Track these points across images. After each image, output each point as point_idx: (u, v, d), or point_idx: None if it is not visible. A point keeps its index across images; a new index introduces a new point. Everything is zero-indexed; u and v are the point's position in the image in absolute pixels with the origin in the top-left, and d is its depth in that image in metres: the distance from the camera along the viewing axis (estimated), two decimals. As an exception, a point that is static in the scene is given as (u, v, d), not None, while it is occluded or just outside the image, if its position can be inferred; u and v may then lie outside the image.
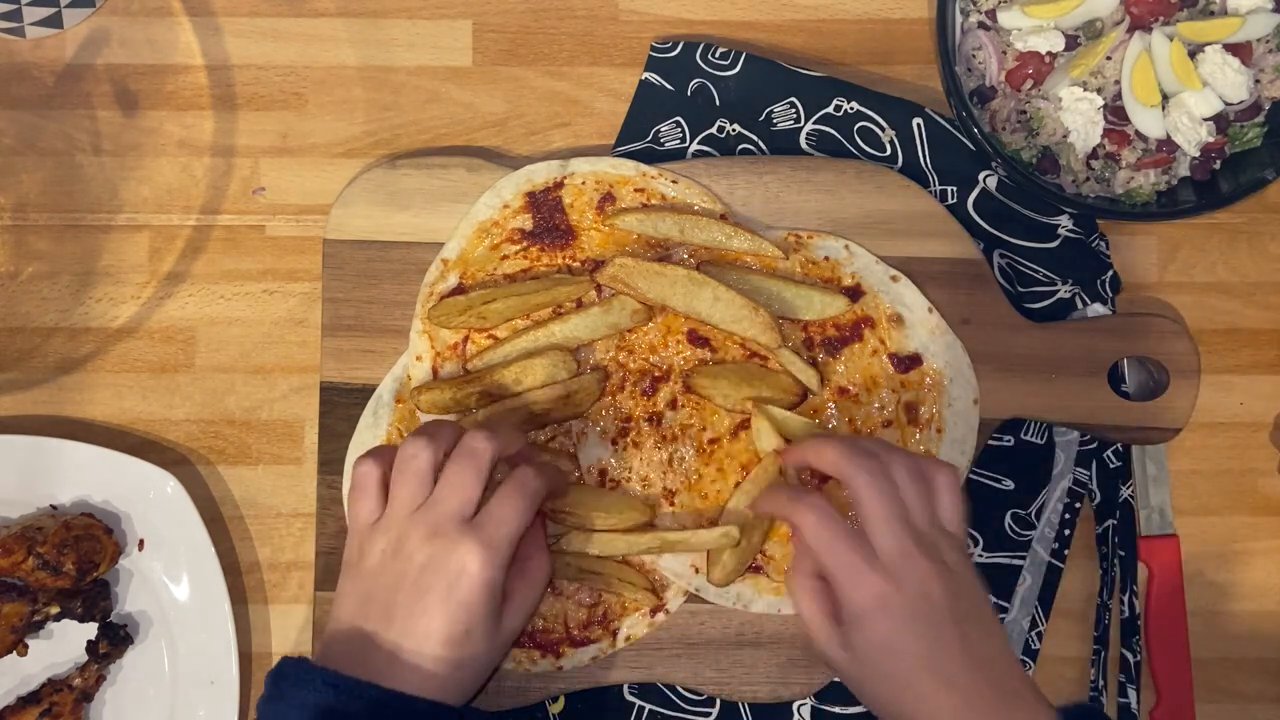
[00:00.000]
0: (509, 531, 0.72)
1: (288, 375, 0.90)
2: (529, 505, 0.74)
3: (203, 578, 0.85)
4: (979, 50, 0.89)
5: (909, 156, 0.91)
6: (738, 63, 0.91)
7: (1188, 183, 0.90)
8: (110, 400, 0.89)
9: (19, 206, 0.90)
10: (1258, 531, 0.92)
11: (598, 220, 0.86)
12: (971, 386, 0.86)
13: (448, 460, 0.73)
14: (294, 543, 0.89)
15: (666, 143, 0.91)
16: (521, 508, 0.73)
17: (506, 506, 0.73)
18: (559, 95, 0.92)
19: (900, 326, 0.86)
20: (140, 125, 0.91)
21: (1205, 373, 0.89)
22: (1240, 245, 0.93)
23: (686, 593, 0.85)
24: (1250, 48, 0.87)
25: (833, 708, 0.88)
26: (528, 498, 0.74)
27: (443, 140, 0.92)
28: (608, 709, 0.88)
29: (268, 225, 0.91)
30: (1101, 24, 0.88)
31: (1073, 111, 0.87)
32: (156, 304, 0.90)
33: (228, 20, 0.92)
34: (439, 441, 0.74)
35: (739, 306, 0.83)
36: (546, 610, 0.85)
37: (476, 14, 0.92)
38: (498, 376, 0.83)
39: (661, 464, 0.85)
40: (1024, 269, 0.91)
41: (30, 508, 0.86)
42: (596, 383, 0.84)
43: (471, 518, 0.72)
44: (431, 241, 0.87)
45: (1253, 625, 0.82)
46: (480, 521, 0.72)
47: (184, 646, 0.86)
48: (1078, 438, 0.90)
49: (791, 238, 0.87)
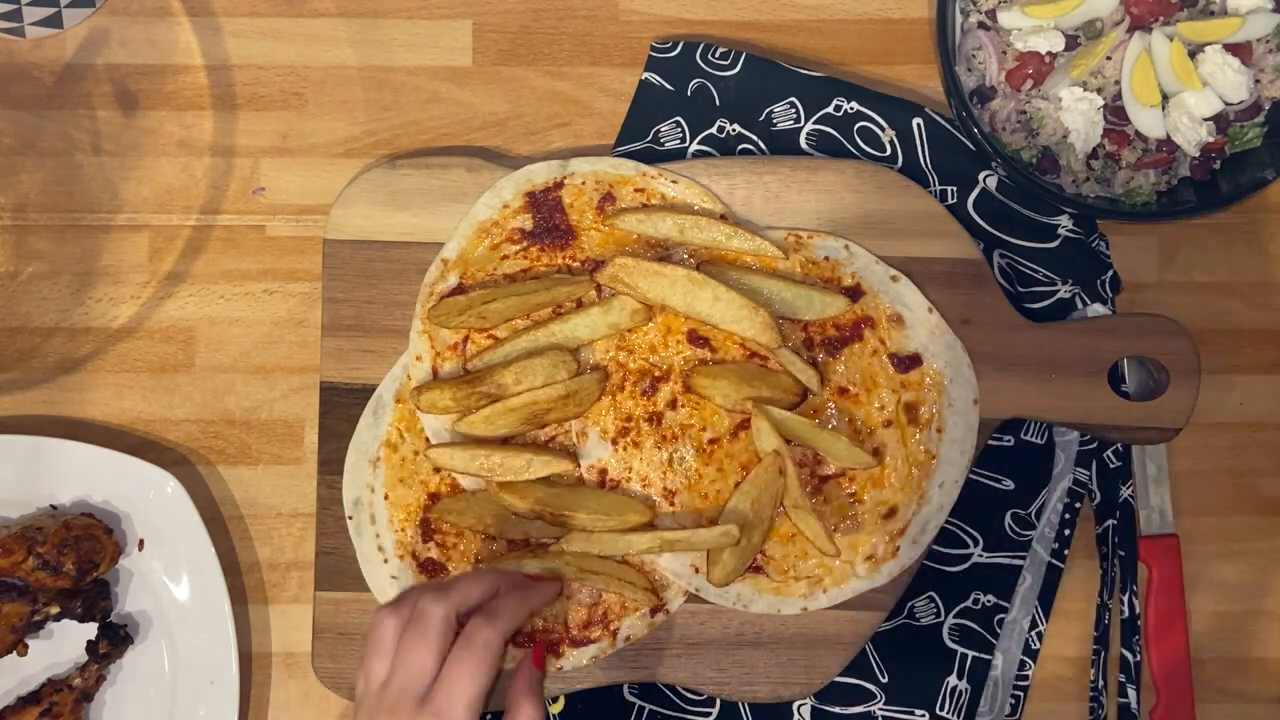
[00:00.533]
0: (466, 698, 0.68)
1: (288, 375, 0.90)
2: (485, 662, 0.70)
3: (203, 578, 0.85)
4: (979, 50, 0.89)
5: (909, 156, 0.91)
6: (738, 63, 0.91)
7: (1188, 183, 0.90)
8: (110, 400, 0.89)
9: (19, 206, 0.90)
10: (1258, 531, 0.92)
11: (598, 220, 0.86)
12: (971, 386, 0.86)
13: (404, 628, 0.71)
14: (294, 543, 0.89)
15: (666, 143, 0.91)
16: (476, 668, 0.69)
17: (458, 672, 0.69)
18: (559, 95, 0.92)
19: (900, 326, 0.86)
20: (140, 125, 0.91)
21: (1205, 373, 0.89)
22: (1240, 245, 0.93)
23: (686, 593, 0.85)
24: (1250, 48, 0.87)
25: (833, 708, 0.88)
26: (481, 655, 0.70)
27: (443, 140, 0.92)
28: (608, 709, 0.88)
29: (268, 225, 0.91)
30: (1101, 24, 0.88)
31: (1073, 111, 0.87)
32: (156, 304, 0.90)
33: (228, 20, 0.92)
34: (402, 609, 0.71)
35: (739, 307, 0.83)
36: (547, 610, 0.85)
37: (476, 14, 0.92)
38: (498, 376, 0.83)
39: (661, 464, 0.85)
40: (1024, 269, 0.91)
41: (30, 507, 0.86)
42: (596, 383, 0.84)
43: (427, 691, 0.69)
44: (431, 241, 0.87)
45: (1253, 625, 0.82)
46: (433, 695, 0.68)
47: (184, 647, 0.86)
48: (1078, 438, 0.90)
49: (791, 238, 0.87)
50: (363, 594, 0.85)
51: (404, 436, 0.86)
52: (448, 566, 0.85)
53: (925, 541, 0.86)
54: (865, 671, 0.88)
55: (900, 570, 0.85)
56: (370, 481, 0.85)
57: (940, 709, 0.88)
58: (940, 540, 0.87)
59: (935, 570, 0.88)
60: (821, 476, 0.85)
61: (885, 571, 0.85)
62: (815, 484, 0.85)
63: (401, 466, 0.85)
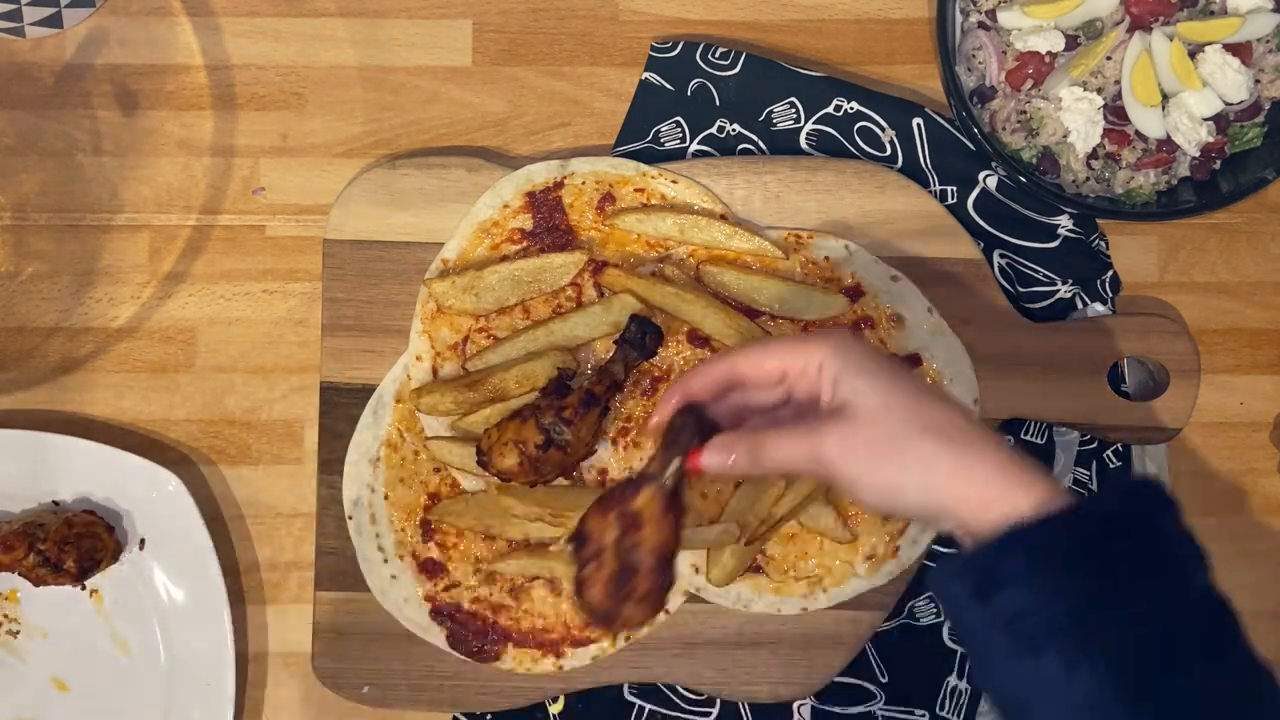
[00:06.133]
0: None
1: (288, 375, 0.90)
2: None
3: (202, 578, 0.85)
4: (979, 50, 0.89)
5: (909, 156, 0.91)
6: (738, 63, 0.91)
7: (1188, 183, 0.90)
8: (110, 400, 0.89)
9: (19, 206, 0.90)
10: (1258, 531, 0.92)
11: (598, 220, 0.86)
12: (971, 386, 0.86)
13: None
14: (294, 543, 0.89)
15: (666, 143, 0.91)
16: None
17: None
18: (559, 95, 0.92)
19: (900, 326, 0.86)
20: (140, 125, 0.91)
21: (1205, 373, 0.89)
22: (1240, 245, 0.93)
23: (686, 593, 0.85)
24: (1250, 48, 0.87)
25: (833, 708, 0.88)
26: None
27: (443, 140, 0.92)
28: (608, 709, 0.88)
29: (268, 225, 0.91)
30: (1101, 24, 0.88)
31: (1073, 111, 0.87)
32: (156, 304, 0.90)
33: (228, 20, 0.92)
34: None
35: (724, 325, 0.83)
36: (547, 610, 0.85)
37: (476, 14, 0.92)
38: (498, 380, 0.83)
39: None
40: (1024, 269, 0.91)
41: (32, 503, 0.86)
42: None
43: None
44: (431, 241, 0.87)
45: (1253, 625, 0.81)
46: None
47: (180, 648, 0.86)
48: (1078, 438, 0.90)
49: (791, 238, 0.87)
50: (363, 594, 0.85)
51: (404, 436, 0.86)
52: (448, 566, 0.85)
53: (925, 541, 0.86)
54: (865, 671, 0.88)
55: (900, 570, 0.85)
56: (370, 481, 0.85)
57: (940, 709, 0.88)
58: (941, 540, 0.87)
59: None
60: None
61: (885, 571, 0.85)
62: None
63: (402, 466, 0.85)
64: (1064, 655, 0.55)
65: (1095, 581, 0.56)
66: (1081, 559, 0.57)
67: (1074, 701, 0.54)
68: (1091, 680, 0.54)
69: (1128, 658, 0.54)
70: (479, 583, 0.85)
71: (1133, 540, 0.58)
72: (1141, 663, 0.55)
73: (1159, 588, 0.56)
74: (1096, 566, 0.56)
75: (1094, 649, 0.55)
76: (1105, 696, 0.54)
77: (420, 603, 0.85)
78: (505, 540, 0.85)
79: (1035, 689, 0.56)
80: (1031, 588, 0.56)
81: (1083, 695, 0.54)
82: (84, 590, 0.86)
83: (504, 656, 0.84)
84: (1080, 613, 0.55)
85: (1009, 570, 0.57)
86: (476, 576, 0.85)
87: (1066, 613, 0.55)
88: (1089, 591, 0.56)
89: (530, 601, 0.85)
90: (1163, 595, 0.56)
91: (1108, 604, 0.55)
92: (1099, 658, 0.54)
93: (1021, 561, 0.57)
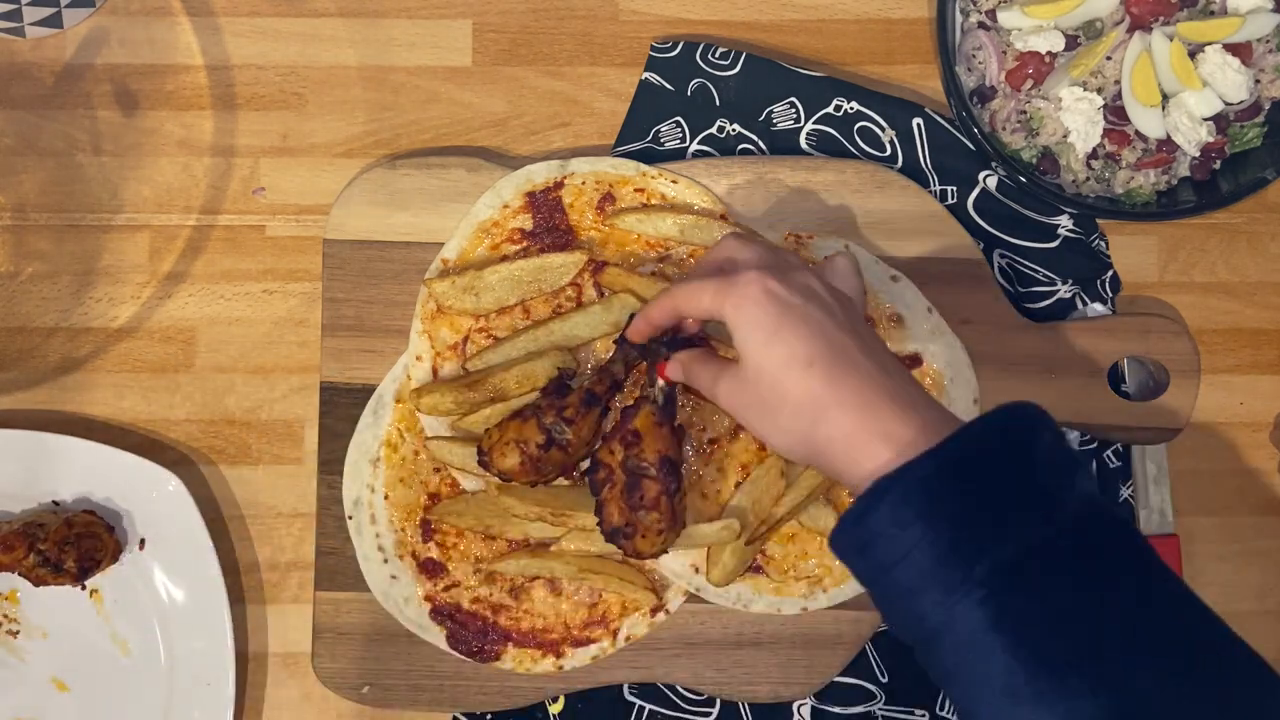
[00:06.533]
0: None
1: (288, 375, 0.90)
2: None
3: (202, 578, 0.85)
4: (979, 50, 0.89)
5: (909, 156, 0.91)
6: (738, 63, 0.91)
7: (1188, 183, 0.90)
8: (110, 400, 0.89)
9: (19, 206, 0.90)
10: (1258, 531, 0.92)
11: (598, 220, 0.86)
12: (971, 386, 0.86)
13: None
14: (294, 543, 0.89)
15: (666, 143, 0.91)
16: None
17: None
18: (559, 95, 0.92)
19: (900, 326, 0.86)
20: (140, 125, 0.91)
21: (1205, 373, 0.89)
22: (1240, 245, 0.93)
23: (686, 593, 0.85)
24: (1250, 48, 0.87)
25: (833, 708, 0.88)
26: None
27: (443, 140, 0.92)
28: (608, 709, 0.88)
29: (268, 225, 0.91)
30: (1101, 24, 0.88)
31: (1073, 111, 0.87)
32: (156, 304, 0.90)
33: (228, 20, 0.92)
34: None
35: None
36: (547, 610, 0.85)
37: (476, 14, 0.92)
38: (498, 380, 0.83)
39: (661, 464, 0.85)
40: (1024, 269, 0.91)
41: (32, 502, 0.86)
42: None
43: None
44: (431, 241, 0.87)
45: (1253, 625, 0.81)
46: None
47: (181, 648, 0.86)
48: (1078, 438, 0.90)
49: (791, 238, 0.87)
50: (363, 594, 0.85)
51: (404, 436, 0.86)
52: (448, 566, 0.85)
53: (925, 541, 0.85)
54: (865, 671, 0.88)
55: (900, 570, 0.85)
56: (370, 481, 0.85)
57: (940, 709, 0.88)
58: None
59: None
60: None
61: (885, 571, 0.85)
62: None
63: (402, 466, 0.85)
64: (936, 600, 0.58)
65: (956, 526, 0.58)
66: (943, 500, 0.59)
67: (959, 639, 0.57)
68: (970, 616, 0.57)
69: (994, 591, 0.57)
70: (479, 583, 0.85)
71: (996, 475, 0.60)
72: (1008, 592, 0.57)
73: (1025, 519, 0.58)
74: (958, 508, 0.59)
75: (963, 589, 0.57)
76: (983, 627, 0.57)
77: (420, 603, 0.85)
78: (505, 540, 0.85)
79: (925, 632, 0.59)
80: (896, 541, 0.59)
81: (965, 632, 0.57)
82: (84, 590, 0.86)
83: (504, 656, 0.85)
84: (946, 554, 0.58)
85: (875, 523, 0.60)
86: (476, 576, 0.85)
87: (932, 559, 0.58)
88: (951, 537, 0.58)
89: (530, 601, 0.85)
90: (1029, 525, 0.58)
91: (969, 544, 0.58)
92: (972, 592, 0.57)
93: (886, 514, 0.59)
